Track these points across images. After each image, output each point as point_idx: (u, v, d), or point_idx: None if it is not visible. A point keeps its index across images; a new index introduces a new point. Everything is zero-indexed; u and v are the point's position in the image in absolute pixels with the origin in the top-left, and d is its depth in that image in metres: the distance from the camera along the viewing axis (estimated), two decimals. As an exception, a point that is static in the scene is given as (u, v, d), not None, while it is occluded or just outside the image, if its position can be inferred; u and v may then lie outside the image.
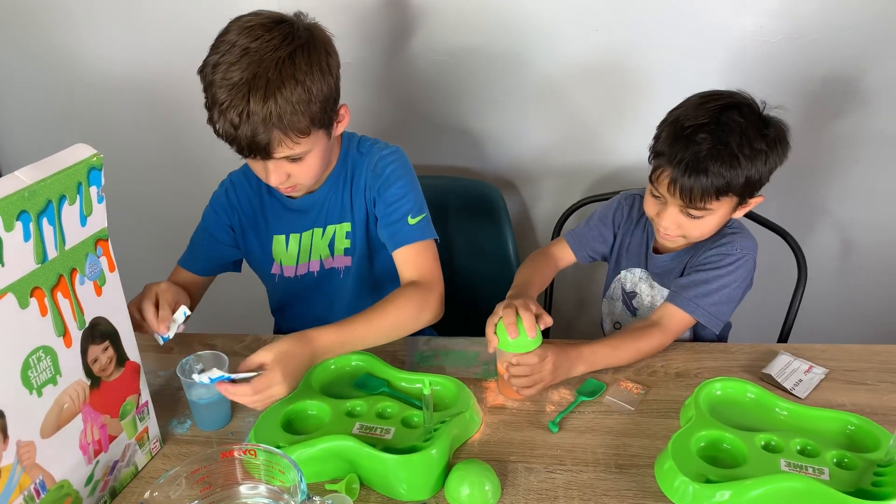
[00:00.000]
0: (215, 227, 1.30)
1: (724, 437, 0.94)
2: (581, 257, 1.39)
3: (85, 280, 0.83)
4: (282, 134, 1.05)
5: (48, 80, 1.74)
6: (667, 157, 1.12)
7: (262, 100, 1.01)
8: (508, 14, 1.51)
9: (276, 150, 1.07)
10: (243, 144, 1.05)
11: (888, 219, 1.66)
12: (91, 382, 0.86)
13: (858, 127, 1.56)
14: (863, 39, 1.46)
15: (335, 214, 1.27)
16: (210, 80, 1.04)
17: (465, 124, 1.67)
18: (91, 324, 0.85)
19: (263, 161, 1.09)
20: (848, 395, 1.07)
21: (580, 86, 1.58)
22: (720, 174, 1.09)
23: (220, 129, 1.05)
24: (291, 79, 1.03)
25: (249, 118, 1.02)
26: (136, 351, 0.94)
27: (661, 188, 1.14)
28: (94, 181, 0.82)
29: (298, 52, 1.04)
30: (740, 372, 1.13)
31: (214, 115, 1.04)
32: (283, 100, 1.02)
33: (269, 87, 1.01)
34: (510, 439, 1.00)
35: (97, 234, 0.84)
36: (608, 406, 1.07)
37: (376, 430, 0.98)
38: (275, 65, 1.02)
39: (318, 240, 1.29)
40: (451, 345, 1.24)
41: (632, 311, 1.37)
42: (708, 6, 1.46)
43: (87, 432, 0.86)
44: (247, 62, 1.01)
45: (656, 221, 1.20)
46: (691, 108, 1.14)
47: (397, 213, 1.20)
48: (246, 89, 1.01)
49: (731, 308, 1.20)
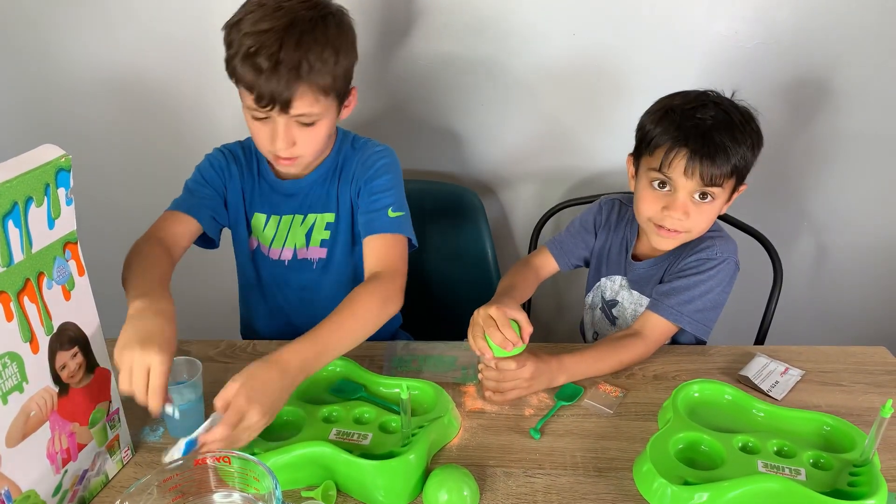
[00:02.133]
0: (212, 178, 1.26)
1: (702, 438, 0.94)
2: (564, 265, 1.38)
3: (53, 284, 0.81)
4: (306, 87, 1.06)
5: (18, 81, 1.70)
6: (678, 139, 1.11)
7: (293, 48, 1.03)
8: (486, 17, 1.51)
9: (295, 105, 1.07)
10: (265, 92, 1.04)
11: (862, 221, 1.69)
12: (59, 389, 0.84)
13: (833, 130, 1.58)
14: (836, 44, 1.48)
15: (319, 203, 1.27)
16: (236, 31, 1.05)
17: (443, 128, 1.66)
18: (59, 329, 0.83)
19: (277, 117, 1.08)
20: (823, 397, 1.08)
21: (558, 89, 1.58)
22: (734, 149, 1.10)
23: (243, 76, 1.05)
24: (323, 36, 1.06)
25: (279, 65, 1.02)
26: (106, 357, 0.92)
27: (674, 172, 1.11)
28: (62, 183, 0.80)
29: (330, 18, 1.09)
30: (718, 374, 1.14)
31: (237, 62, 1.04)
32: (314, 55, 1.04)
33: (304, 37, 1.03)
34: (489, 444, 1.00)
35: (66, 237, 0.82)
36: (586, 409, 1.06)
37: (353, 435, 0.97)
38: (309, 21, 1.05)
39: (297, 227, 1.28)
40: (429, 349, 1.23)
41: (611, 319, 1.36)
42: (684, 11, 1.47)
43: (55, 441, 0.84)
44: (280, 14, 1.03)
45: (660, 217, 1.16)
46: (677, 97, 1.16)
47: (379, 202, 1.19)
48: (280, 35, 1.02)
49: (716, 314, 1.19)
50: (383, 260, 1.16)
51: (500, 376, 1.05)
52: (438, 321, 1.61)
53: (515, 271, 1.36)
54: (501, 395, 1.07)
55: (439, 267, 1.63)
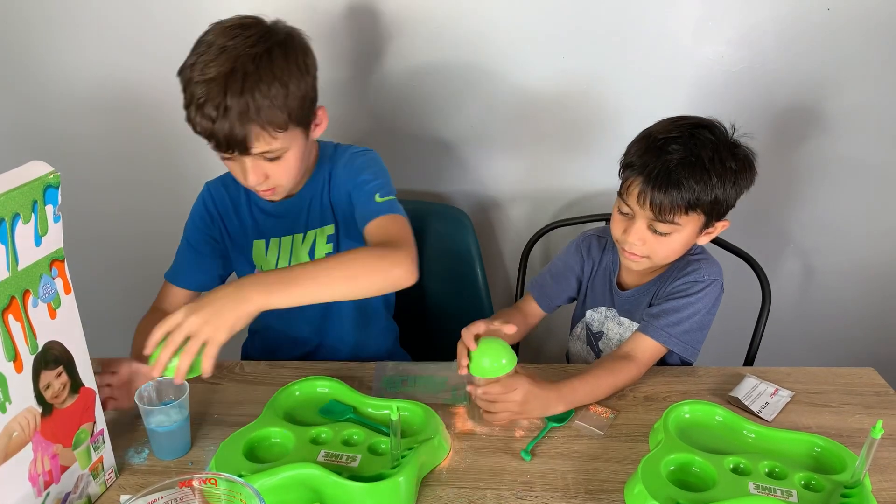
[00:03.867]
0: (197, 240, 1.29)
1: (693, 460, 0.93)
2: (546, 308, 1.38)
3: (38, 302, 0.80)
4: (259, 128, 1.05)
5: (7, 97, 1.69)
6: (637, 168, 1.12)
7: (238, 93, 1.02)
8: (476, 40, 1.53)
9: (253, 145, 1.07)
10: (221, 139, 1.05)
11: (848, 244, 1.70)
12: (43, 410, 0.82)
13: (818, 153, 1.60)
14: (821, 68, 1.50)
15: (316, 218, 1.26)
16: (188, 79, 1.05)
17: (432, 149, 1.67)
18: (44, 348, 0.81)
19: (241, 157, 1.09)
20: (813, 418, 1.08)
21: (547, 112, 1.60)
22: (690, 187, 1.09)
23: (197, 124, 1.06)
24: (269, 73, 1.04)
25: (227, 112, 1.03)
26: (91, 377, 0.90)
27: (631, 200, 1.14)
28: (50, 199, 0.79)
29: (275, 49, 1.06)
30: (708, 395, 1.13)
31: (192, 111, 1.05)
32: (260, 94, 1.03)
33: (247, 81, 1.03)
34: (479, 466, 0.99)
35: (52, 254, 0.81)
36: (577, 431, 1.06)
37: (342, 457, 0.96)
38: (251, 60, 1.04)
39: (299, 246, 1.27)
40: (420, 370, 1.22)
41: (596, 352, 1.36)
42: (670, 35, 1.49)
43: (38, 462, 0.82)
44: (224, 58, 1.03)
45: (622, 240, 1.18)
46: (664, 124, 1.16)
47: (364, 192, 1.19)
48: (223, 83, 1.02)
49: (702, 335, 1.20)
50: (385, 232, 1.13)
51: (490, 397, 1.04)
52: (428, 341, 1.61)
53: (502, 313, 1.38)
54: (492, 415, 1.06)
55: (428, 287, 1.62)
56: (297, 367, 1.22)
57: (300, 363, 1.24)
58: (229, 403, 1.13)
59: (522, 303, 1.40)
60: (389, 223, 1.14)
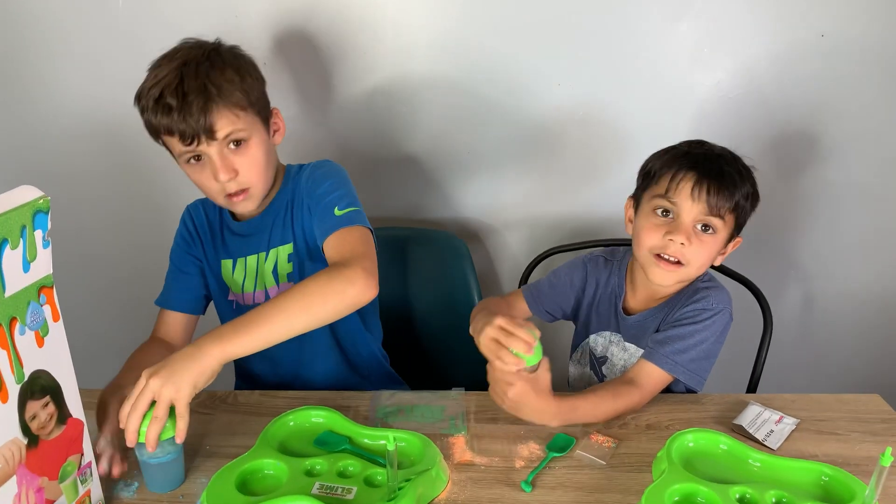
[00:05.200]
0: (182, 260, 1.29)
1: (698, 490, 0.91)
2: (536, 311, 1.36)
3: (26, 330, 0.78)
4: (221, 106, 1.07)
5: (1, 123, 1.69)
6: (686, 164, 1.14)
7: (194, 77, 1.06)
8: (472, 67, 1.53)
9: (217, 126, 1.08)
10: (184, 127, 1.06)
11: (849, 270, 1.70)
12: (28, 441, 0.80)
13: (819, 180, 1.60)
14: (817, 94, 1.51)
15: (277, 236, 1.25)
16: (140, 92, 1.09)
17: (429, 175, 1.67)
18: (30, 377, 0.79)
19: (207, 150, 1.10)
20: (820, 446, 1.05)
21: (543, 138, 1.60)
22: (739, 184, 1.13)
23: (159, 123, 1.07)
24: (220, 62, 1.10)
25: (186, 97, 1.05)
26: (80, 407, 0.88)
27: (681, 197, 1.13)
28: (39, 225, 0.77)
29: (223, 49, 1.14)
30: (711, 423, 1.11)
31: (150, 113, 1.07)
32: (216, 75, 1.08)
33: (200, 68, 1.07)
34: (478, 497, 0.96)
35: (41, 280, 0.80)
36: (579, 460, 1.03)
37: (337, 489, 0.93)
38: (202, 54, 1.10)
39: (263, 265, 1.26)
40: (417, 399, 1.19)
41: (599, 377, 1.34)
42: (667, 61, 1.50)
43: (22, 496, 0.79)
44: (176, 63, 1.08)
45: (661, 245, 1.15)
46: (681, 143, 1.20)
47: (323, 204, 1.17)
48: (178, 74, 1.06)
49: (710, 364, 1.18)
50: (340, 251, 1.10)
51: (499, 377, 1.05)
52: (425, 370, 1.58)
53: (489, 300, 1.35)
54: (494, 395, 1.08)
55: (425, 315, 1.61)
56: (290, 397, 1.19)
57: (294, 392, 1.22)
58: (221, 434, 1.11)
59: (511, 297, 1.37)
60: (345, 237, 1.12)
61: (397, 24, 1.51)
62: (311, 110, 1.60)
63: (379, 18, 1.51)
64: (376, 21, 1.51)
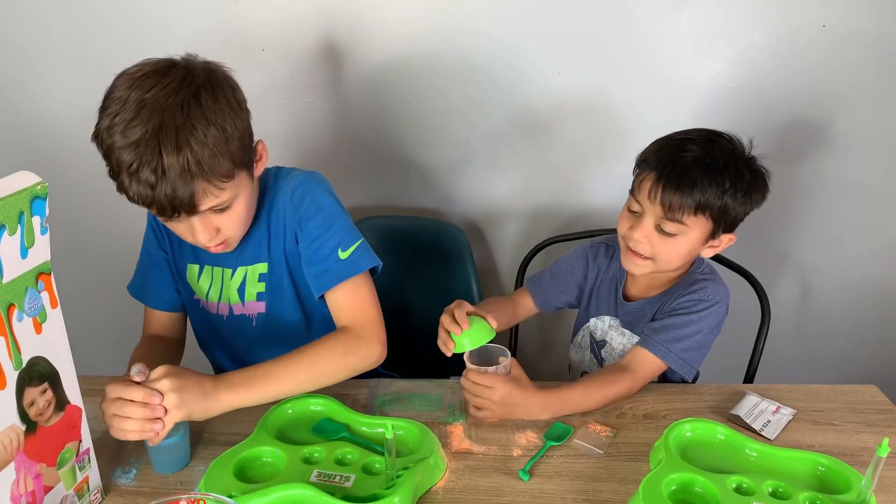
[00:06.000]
0: (154, 254, 1.22)
1: (695, 479, 0.91)
2: (542, 305, 1.37)
3: (24, 316, 0.77)
4: (205, 182, 0.95)
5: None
6: (652, 164, 1.12)
7: (175, 150, 0.91)
8: (470, 56, 1.53)
9: (201, 202, 0.96)
10: (164, 204, 0.94)
11: (846, 262, 1.70)
12: (26, 428, 0.79)
13: (818, 171, 1.60)
14: (817, 84, 1.51)
15: (248, 254, 1.16)
16: (109, 145, 0.92)
17: (427, 165, 1.66)
18: (28, 364, 0.79)
19: (188, 218, 0.99)
20: (816, 436, 1.06)
21: (543, 128, 1.59)
22: (703, 187, 1.08)
23: (134, 194, 0.94)
24: (202, 119, 0.93)
25: (166, 174, 0.91)
26: (78, 394, 0.88)
27: (641, 195, 1.13)
28: (37, 211, 0.77)
29: (202, 92, 0.95)
30: (709, 413, 1.11)
31: (124, 180, 0.93)
32: (199, 144, 0.92)
33: (180, 133, 0.91)
34: (476, 486, 0.96)
35: (39, 267, 0.79)
36: (576, 449, 1.04)
37: (335, 477, 0.93)
38: (180, 109, 0.92)
39: (228, 281, 1.19)
40: (415, 388, 1.20)
41: (599, 361, 1.35)
42: (667, 51, 1.49)
43: (20, 482, 0.79)
44: (147, 115, 0.90)
45: (627, 236, 1.16)
46: (683, 131, 1.17)
47: (324, 248, 1.09)
48: (155, 142, 0.90)
49: (702, 355, 1.18)
50: (351, 312, 1.10)
51: (472, 388, 1.07)
52: (423, 360, 1.58)
53: (492, 299, 1.38)
54: (475, 410, 1.08)
55: (424, 305, 1.60)
56: (289, 385, 1.19)
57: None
58: (220, 422, 1.10)
59: (516, 294, 1.40)
60: (355, 296, 1.10)
61: (396, 12, 1.50)
62: (307, 98, 1.59)
63: (378, 7, 1.50)
64: (375, 9, 1.50)
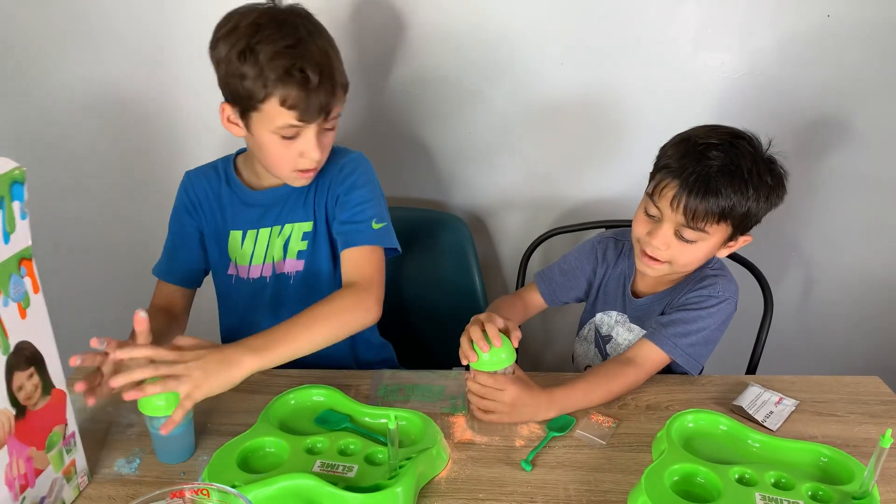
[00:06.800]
0: (182, 231, 1.28)
1: (697, 470, 0.91)
2: (551, 301, 1.37)
3: (9, 301, 0.77)
4: (340, 90, 1.10)
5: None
6: (675, 171, 1.10)
7: (324, 54, 1.06)
8: (473, 45, 1.52)
9: (333, 107, 1.09)
10: (313, 104, 1.05)
11: (850, 253, 1.69)
12: (16, 412, 0.80)
13: (822, 163, 1.59)
14: (822, 75, 1.49)
15: (297, 212, 1.24)
16: (255, 57, 1.03)
17: (430, 156, 1.66)
18: (16, 348, 0.79)
19: (310, 127, 1.09)
20: (819, 427, 1.06)
21: (546, 118, 1.59)
22: (728, 195, 1.07)
23: (286, 95, 1.04)
24: (329, 38, 1.10)
25: (322, 74, 1.04)
26: (62, 378, 0.88)
27: (663, 203, 1.11)
28: (16, 196, 0.76)
29: (319, 25, 1.11)
30: (711, 404, 1.11)
31: (271, 86, 1.03)
32: (334, 56, 1.09)
33: (322, 42, 1.07)
34: (478, 476, 0.96)
35: (21, 252, 0.79)
36: (579, 440, 1.04)
37: (338, 467, 0.93)
38: (311, 24, 1.08)
39: (275, 238, 1.25)
40: (418, 378, 1.20)
41: (604, 355, 1.35)
42: (671, 43, 1.48)
43: (13, 466, 0.80)
44: (288, 28, 1.05)
45: (644, 241, 1.15)
46: (703, 130, 1.14)
47: (362, 214, 1.19)
48: (305, 46, 1.04)
49: (708, 350, 1.18)
50: (361, 270, 1.16)
51: (481, 391, 1.05)
52: (425, 351, 1.59)
53: (502, 299, 1.36)
54: (483, 413, 1.06)
55: (426, 296, 1.61)
56: (292, 376, 1.19)
57: (295, 371, 1.22)
58: (223, 412, 1.11)
59: (524, 291, 1.39)
60: (368, 258, 1.17)
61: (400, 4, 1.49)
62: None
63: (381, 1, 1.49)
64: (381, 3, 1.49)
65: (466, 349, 1.04)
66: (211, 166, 1.29)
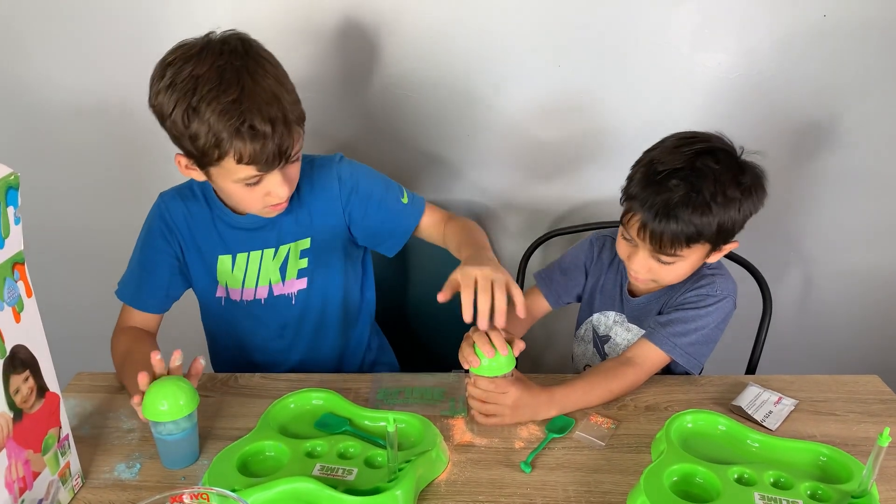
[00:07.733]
0: (154, 257, 1.21)
1: (696, 470, 0.91)
2: (554, 303, 1.37)
3: (4, 306, 0.78)
4: (297, 127, 1.04)
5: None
6: (638, 201, 1.10)
7: (274, 100, 1.00)
8: (470, 47, 1.52)
9: (294, 148, 1.05)
10: (271, 154, 1.00)
11: (849, 252, 1.69)
12: (14, 415, 0.80)
13: (819, 161, 1.59)
14: (818, 75, 1.49)
15: (290, 232, 1.22)
16: (199, 117, 0.97)
17: (428, 158, 1.66)
18: (11, 352, 0.79)
19: (274, 171, 1.04)
20: (818, 426, 1.06)
21: (543, 119, 1.59)
22: (691, 222, 1.06)
23: (240, 153, 0.99)
24: (273, 70, 1.03)
25: (274, 123, 0.99)
26: (55, 381, 0.89)
27: (632, 232, 1.13)
28: (10, 201, 0.77)
29: (257, 55, 1.03)
30: (710, 404, 1.11)
31: (228, 145, 0.98)
32: (286, 92, 1.03)
33: (267, 85, 1.00)
34: (478, 479, 0.97)
35: (14, 257, 0.80)
36: (578, 441, 1.04)
37: (338, 470, 0.93)
38: (257, 67, 1.01)
39: (269, 262, 1.23)
40: (416, 381, 1.20)
41: (602, 355, 1.35)
42: (667, 44, 1.48)
43: (13, 469, 0.80)
44: (229, 78, 0.97)
45: (627, 264, 1.18)
46: (666, 152, 1.12)
47: (390, 201, 1.24)
48: (252, 99, 0.98)
49: (708, 349, 1.18)
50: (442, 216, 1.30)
51: (483, 395, 1.05)
52: (424, 353, 1.59)
53: None
54: (484, 417, 1.06)
55: (425, 298, 1.60)
56: (291, 380, 1.20)
57: (295, 375, 1.22)
58: (223, 416, 1.11)
59: (527, 297, 1.37)
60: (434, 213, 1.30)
61: (396, 6, 1.49)
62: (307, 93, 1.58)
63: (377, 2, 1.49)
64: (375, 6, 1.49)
65: (468, 354, 1.03)
66: (186, 188, 1.23)
